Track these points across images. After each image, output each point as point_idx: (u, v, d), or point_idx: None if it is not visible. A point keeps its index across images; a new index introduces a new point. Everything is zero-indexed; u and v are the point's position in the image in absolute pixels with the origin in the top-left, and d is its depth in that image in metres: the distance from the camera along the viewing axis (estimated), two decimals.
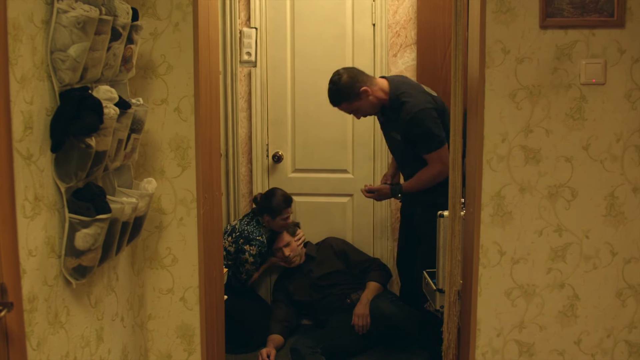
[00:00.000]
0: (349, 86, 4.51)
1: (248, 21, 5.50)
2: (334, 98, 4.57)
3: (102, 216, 2.50)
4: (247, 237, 5.08)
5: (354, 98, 4.51)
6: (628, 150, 3.16)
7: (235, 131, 5.49)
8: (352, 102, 4.53)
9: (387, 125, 4.71)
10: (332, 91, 4.56)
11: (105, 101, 2.50)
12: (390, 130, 4.67)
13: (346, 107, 4.57)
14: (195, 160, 3.31)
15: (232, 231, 5.13)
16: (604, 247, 3.22)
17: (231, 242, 5.09)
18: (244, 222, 5.19)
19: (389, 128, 4.68)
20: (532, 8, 3.10)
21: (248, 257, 5.08)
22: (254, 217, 5.24)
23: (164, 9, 3.23)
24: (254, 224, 5.19)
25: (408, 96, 4.53)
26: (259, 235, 5.13)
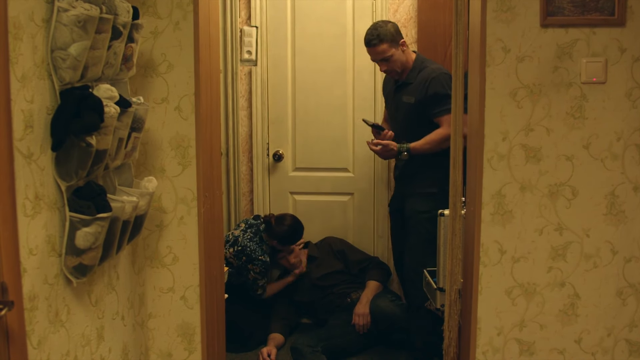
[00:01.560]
0: (394, 32, 4.56)
1: (249, 20, 5.50)
2: (378, 36, 4.52)
3: (102, 215, 2.50)
4: (249, 256, 5.03)
5: (395, 44, 4.54)
6: (629, 149, 3.16)
7: (235, 130, 5.48)
8: (392, 47, 4.54)
9: (399, 89, 4.69)
10: (378, 29, 4.54)
11: (106, 100, 2.50)
12: (402, 95, 4.65)
13: (385, 49, 4.54)
14: (196, 159, 3.31)
15: (234, 243, 5.07)
16: (605, 245, 3.22)
17: (232, 254, 5.04)
18: (247, 236, 5.12)
19: (401, 92, 4.67)
20: (532, 7, 3.10)
21: (255, 276, 5.07)
22: (259, 232, 5.20)
23: (164, 7, 3.23)
24: (257, 240, 5.13)
25: (432, 63, 4.65)
26: (262, 255, 5.08)
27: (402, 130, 4.71)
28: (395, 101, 4.75)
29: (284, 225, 5.17)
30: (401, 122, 4.73)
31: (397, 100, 4.71)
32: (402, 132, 4.70)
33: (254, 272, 5.04)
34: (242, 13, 5.48)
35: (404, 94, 4.62)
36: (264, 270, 5.09)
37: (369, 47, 4.57)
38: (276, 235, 5.15)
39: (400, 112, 4.70)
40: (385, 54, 4.53)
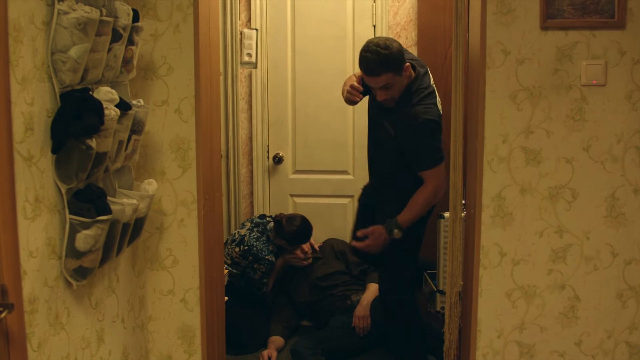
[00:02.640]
0: (399, 56, 3.79)
1: (249, 22, 5.50)
2: (382, 63, 3.71)
3: (102, 217, 2.50)
4: (256, 255, 5.03)
5: (399, 72, 3.79)
6: (629, 151, 3.16)
7: (235, 132, 5.48)
8: (396, 74, 3.77)
9: (383, 112, 3.99)
10: (383, 56, 3.70)
11: (106, 102, 2.50)
12: (384, 119, 3.98)
13: (388, 78, 3.76)
14: (196, 162, 3.31)
15: (241, 242, 5.07)
16: (605, 248, 3.22)
17: (238, 253, 5.03)
18: (254, 236, 5.12)
19: (384, 116, 3.98)
20: (532, 9, 3.10)
21: (261, 275, 5.07)
22: (265, 231, 5.20)
23: (164, 10, 3.23)
24: (263, 239, 5.14)
25: (424, 99, 3.92)
26: (268, 255, 5.08)
27: (375, 154, 4.25)
28: (376, 122, 4.12)
29: (294, 226, 5.16)
30: (377, 146, 4.18)
31: (378, 122, 4.09)
32: (375, 155, 4.26)
33: (260, 272, 5.04)
34: (242, 15, 5.48)
35: (387, 118, 3.98)
36: (270, 269, 5.09)
37: (368, 75, 3.80)
38: (286, 235, 5.15)
39: (380, 135, 4.09)
40: (386, 82, 3.77)
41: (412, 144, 3.89)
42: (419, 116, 3.85)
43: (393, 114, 3.93)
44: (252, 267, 5.03)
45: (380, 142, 4.10)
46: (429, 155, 3.88)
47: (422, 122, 3.83)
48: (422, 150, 3.89)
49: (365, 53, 3.75)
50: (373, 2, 5.37)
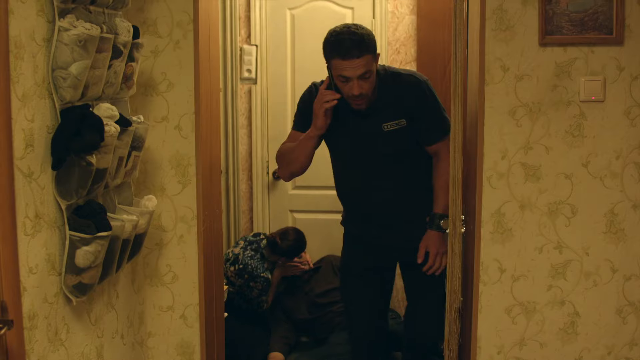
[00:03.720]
0: (374, 37, 3.33)
1: (248, 38, 5.52)
2: (362, 43, 3.22)
3: (102, 234, 2.50)
4: (251, 273, 5.01)
5: (375, 55, 3.31)
6: (628, 167, 3.16)
7: (235, 148, 5.49)
8: (374, 59, 3.30)
9: (367, 115, 3.42)
10: (360, 35, 3.24)
11: (106, 119, 2.51)
12: (378, 121, 3.41)
13: (368, 62, 3.25)
14: (196, 178, 3.32)
15: (235, 261, 5.06)
16: (604, 264, 3.22)
17: (234, 272, 5.03)
18: (248, 254, 5.11)
19: (371, 118, 3.41)
20: (531, 26, 3.11)
21: (258, 293, 5.06)
22: (259, 249, 5.19)
23: (164, 26, 3.24)
24: (258, 257, 5.13)
25: (400, 69, 3.56)
26: (264, 272, 5.07)
27: (377, 168, 3.51)
28: (359, 133, 3.47)
29: (289, 240, 5.17)
30: (380, 158, 3.49)
31: (370, 130, 3.44)
32: (376, 171, 3.52)
33: (257, 290, 5.03)
34: (242, 31, 5.50)
35: (383, 119, 3.39)
36: (267, 287, 5.08)
37: (346, 59, 3.23)
38: (284, 251, 5.15)
39: (379, 145, 3.44)
40: (370, 67, 3.26)
41: (427, 113, 3.43)
42: (416, 78, 3.46)
43: (383, 104, 3.40)
44: (248, 286, 5.02)
45: (383, 152, 3.45)
46: (443, 120, 3.45)
47: (424, 82, 3.45)
48: (437, 115, 3.47)
49: (338, 35, 3.27)
50: (372, 18, 5.39)
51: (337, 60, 3.26)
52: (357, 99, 3.31)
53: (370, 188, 3.54)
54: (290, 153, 3.56)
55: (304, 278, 5.31)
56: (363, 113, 3.40)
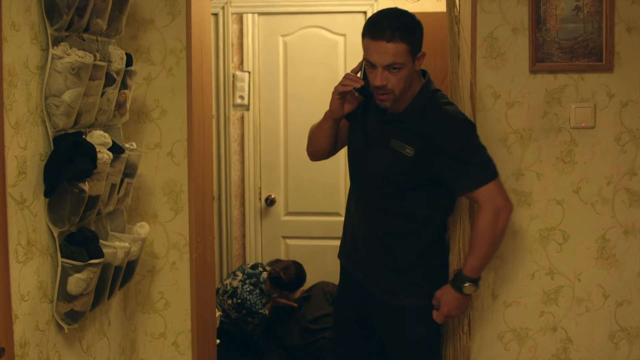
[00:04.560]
0: (420, 30, 2.83)
1: (241, 65, 5.54)
2: (399, 27, 2.70)
3: (94, 261, 2.50)
4: (249, 309, 5.00)
5: (415, 48, 2.78)
6: (618, 193, 3.18)
7: (228, 174, 5.50)
8: (410, 52, 2.75)
9: (385, 124, 2.90)
10: (402, 17, 2.77)
11: (99, 146, 2.51)
12: (389, 136, 2.87)
13: (400, 51, 2.70)
14: (188, 204, 3.32)
15: (233, 295, 5.04)
16: (596, 289, 3.23)
17: (231, 306, 5.01)
18: (247, 289, 5.09)
19: (387, 130, 2.89)
20: (521, 53, 3.14)
21: (254, 328, 5.05)
22: (259, 283, 5.18)
23: (158, 54, 3.26)
24: (257, 292, 5.11)
25: (451, 105, 2.92)
26: (262, 308, 5.05)
27: (375, 185, 2.95)
28: (371, 138, 2.96)
29: (292, 275, 5.15)
30: (379, 174, 2.93)
31: (379, 139, 2.92)
32: (374, 187, 2.96)
33: (253, 324, 5.02)
34: (234, 58, 5.52)
35: (394, 136, 2.85)
36: (263, 323, 5.07)
37: (375, 39, 2.71)
38: (288, 285, 5.14)
39: (382, 160, 2.91)
40: (401, 59, 2.72)
41: (452, 154, 2.80)
42: (456, 115, 2.86)
43: (404, 123, 2.86)
44: (244, 320, 5.00)
45: (384, 170, 2.90)
46: (480, 165, 2.82)
47: (462, 121, 2.85)
48: (471, 158, 2.82)
49: (380, 13, 2.82)
50: None
51: (367, 39, 2.75)
52: (379, 91, 2.76)
53: (362, 208, 3.02)
54: (312, 130, 3.25)
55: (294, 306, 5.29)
56: (386, 117, 2.89)
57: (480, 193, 2.76)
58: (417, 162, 2.80)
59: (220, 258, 5.52)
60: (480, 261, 2.82)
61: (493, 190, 2.76)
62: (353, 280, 3.11)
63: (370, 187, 2.97)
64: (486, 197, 2.76)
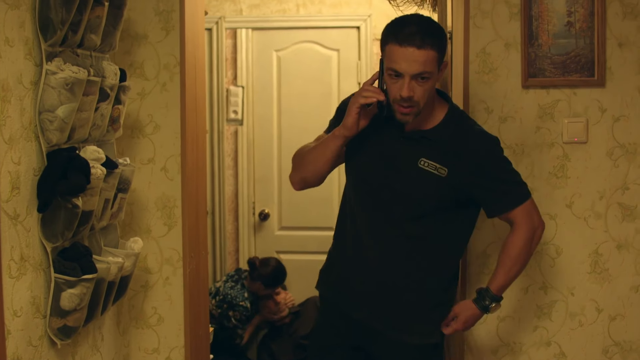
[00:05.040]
0: (445, 38, 2.63)
1: (235, 80, 5.55)
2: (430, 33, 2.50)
3: (88, 276, 2.49)
4: (230, 303, 5.03)
5: (441, 56, 2.56)
6: (611, 207, 3.19)
7: (221, 189, 5.50)
8: (438, 61, 2.53)
9: (406, 141, 2.66)
10: (431, 24, 2.55)
11: (93, 161, 2.51)
12: (414, 153, 2.64)
13: (430, 59, 2.48)
14: (182, 219, 3.32)
15: (217, 294, 5.10)
16: (590, 304, 3.23)
17: (214, 305, 5.05)
18: (228, 285, 5.15)
19: (420, 151, 2.64)
20: (514, 68, 3.16)
21: (235, 324, 5.05)
22: (240, 280, 5.20)
23: (151, 69, 3.26)
24: (238, 287, 5.15)
25: (475, 123, 2.82)
26: (242, 301, 5.08)
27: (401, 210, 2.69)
28: (393, 158, 2.69)
29: (269, 267, 5.18)
30: (407, 197, 2.68)
31: (403, 159, 2.67)
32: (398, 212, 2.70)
33: (234, 319, 5.03)
34: (228, 73, 5.54)
35: (423, 155, 2.63)
36: (245, 318, 5.07)
37: (404, 45, 2.47)
38: (261, 276, 5.15)
39: (411, 181, 2.66)
40: (430, 67, 2.50)
41: (490, 174, 2.69)
42: (489, 135, 2.75)
43: (431, 141, 2.66)
44: (226, 315, 5.02)
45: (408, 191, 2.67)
46: (517, 184, 2.76)
47: (496, 141, 2.74)
48: (508, 177, 2.75)
49: (404, 17, 2.58)
50: (358, 60, 5.44)
51: (393, 46, 2.50)
52: (404, 103, 2.53)
53: (375, 239, 2.74)
54: (309, 152, 2.83)
55: (285, 322, 5.29)
56: (412, 134, 2.66)
57: (518, 212, 2.71)
58: (451, 182, 2.63)
59: (214, 273, 5.52)
60: (510, 280, 2.77)
61: (530, 209, 2.73)
62: (343, 315, 2.84)
63: (394, 213, 2.69)
64: (523, 215, 2.71)
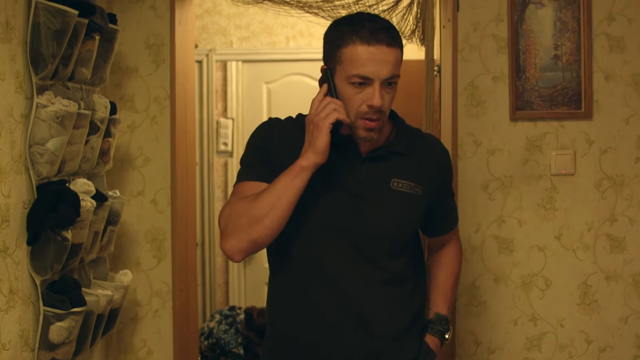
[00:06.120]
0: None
1: (225, 112, 5.57)
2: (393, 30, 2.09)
3: (77, 309, 2.48)
4: (223, 348, 4.99)
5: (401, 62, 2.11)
6: (599, 239, 3.20)
7: (211, 221, 5.50)
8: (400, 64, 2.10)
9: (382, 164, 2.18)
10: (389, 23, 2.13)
11: (82, 194, 2.52)
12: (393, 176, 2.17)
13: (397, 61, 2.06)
14: (172, 252, 3.32)
15: (209, 335, 5.05)
16: (579, 335, 3.23)
17: (207, 346, 5.01)
18: (222, 328, 5.10)
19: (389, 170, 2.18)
20: (502, 101, 3.18)
21: None
22: (234, 323, 5.17)
23: (142, 102, 3.28)
24: (232, 332, 5.11)
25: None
26: (235, 347, 5.04)
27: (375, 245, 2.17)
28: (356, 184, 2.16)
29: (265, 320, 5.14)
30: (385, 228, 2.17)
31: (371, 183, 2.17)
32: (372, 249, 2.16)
33: None
34: (218, 105, 5.56)
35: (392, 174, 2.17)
36: None
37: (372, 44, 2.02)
38: (257, 328, 5.11)
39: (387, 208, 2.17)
40: (398, 70, 2.09)
41: (449, 187, 2.40)
42: (440, 142, 2.44)
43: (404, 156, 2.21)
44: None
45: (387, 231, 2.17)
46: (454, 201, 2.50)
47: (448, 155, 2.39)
48: (453, 194, 2.45)
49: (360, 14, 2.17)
50: None
51: (356, 46, 2.04)
52: (373, 116, 2.07)
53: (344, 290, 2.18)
54: (258, 203, 2.11)
55: None
56: (368, 154, 2.19)
57: (455, 231, 2.48)
58: (426, 202, 2.23)
59: (204, 305, 5.49)
60: (452, 301, 2.44)
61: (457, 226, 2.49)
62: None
63: (367, 252, 2.17)
64: (458, 235, 2.51)
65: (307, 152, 2.07)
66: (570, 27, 3.17)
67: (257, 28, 5.57)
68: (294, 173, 2.06)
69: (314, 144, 2.05)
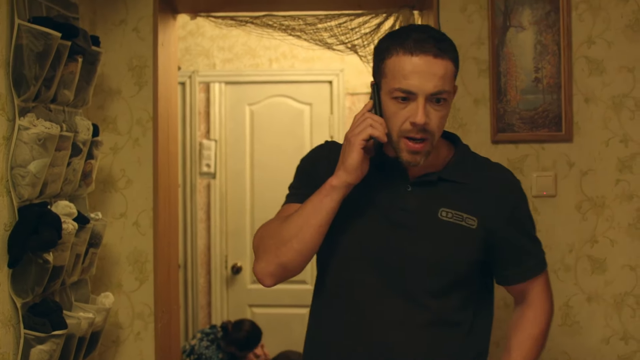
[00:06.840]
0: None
1: (208, 133, 5.58)
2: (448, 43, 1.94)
3: (58, 332, 2.47)
4: None
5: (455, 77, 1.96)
6: (580, 260, 3.22)
7: (193, 242, 5.49)
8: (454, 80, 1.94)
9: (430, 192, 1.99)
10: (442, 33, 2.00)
11: (64, 216, 2.51)
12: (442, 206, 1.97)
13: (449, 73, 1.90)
14: (154, 274, 3.31)
15: (191, 352, 5.04)
16: (561, 356, 3.24)
17: None
18: (204, 344, 5.09)
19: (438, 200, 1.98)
20: (483, 123, 3.21)
21: None
22: (215, 339, 5.16)
23: (124, 124, 3.28)
24: (213, 348, 5.09)
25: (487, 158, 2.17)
26: None
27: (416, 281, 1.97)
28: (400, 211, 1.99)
29: (243, 331, 5.13)
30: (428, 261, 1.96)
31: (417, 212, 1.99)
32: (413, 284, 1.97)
33: None
34: (201, 126, 5.56)
35: (441, 204, 1.98)
36: None
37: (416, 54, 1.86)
38: (235, 341, 5.10)
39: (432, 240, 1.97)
40: (449, 85, 1.92)
41: (520, 227, 2.09)
42: (512, 174, 2.14)
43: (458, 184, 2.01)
44: None
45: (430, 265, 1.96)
46: (539, 246, 2.19)
47: (521, 188, 2.11)
48: (534, 237, 2.17)
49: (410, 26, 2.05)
50: (330, 114, 5.48)
51: (399, 57, 1.89)
52: (417, 135, 1.89)
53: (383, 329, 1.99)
54: (289, 225, 1.98)
55: None
56: (416, 179, 2.01)
57: (537, 283, 2.13)
58: (480, 236, 1.99)
59: (186, 326, 5.47)
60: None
61: (548, 281, 2.18)
62: None
63: (409, 288, 1.98)
64: (542, 288, 2.14)
65: (338, 170, 1.95)
66: (550, 50, 3.20)
67: (240, 50, 5.59)
68: (324, 192, 1.94)
69: (345, 161, 1.93)
